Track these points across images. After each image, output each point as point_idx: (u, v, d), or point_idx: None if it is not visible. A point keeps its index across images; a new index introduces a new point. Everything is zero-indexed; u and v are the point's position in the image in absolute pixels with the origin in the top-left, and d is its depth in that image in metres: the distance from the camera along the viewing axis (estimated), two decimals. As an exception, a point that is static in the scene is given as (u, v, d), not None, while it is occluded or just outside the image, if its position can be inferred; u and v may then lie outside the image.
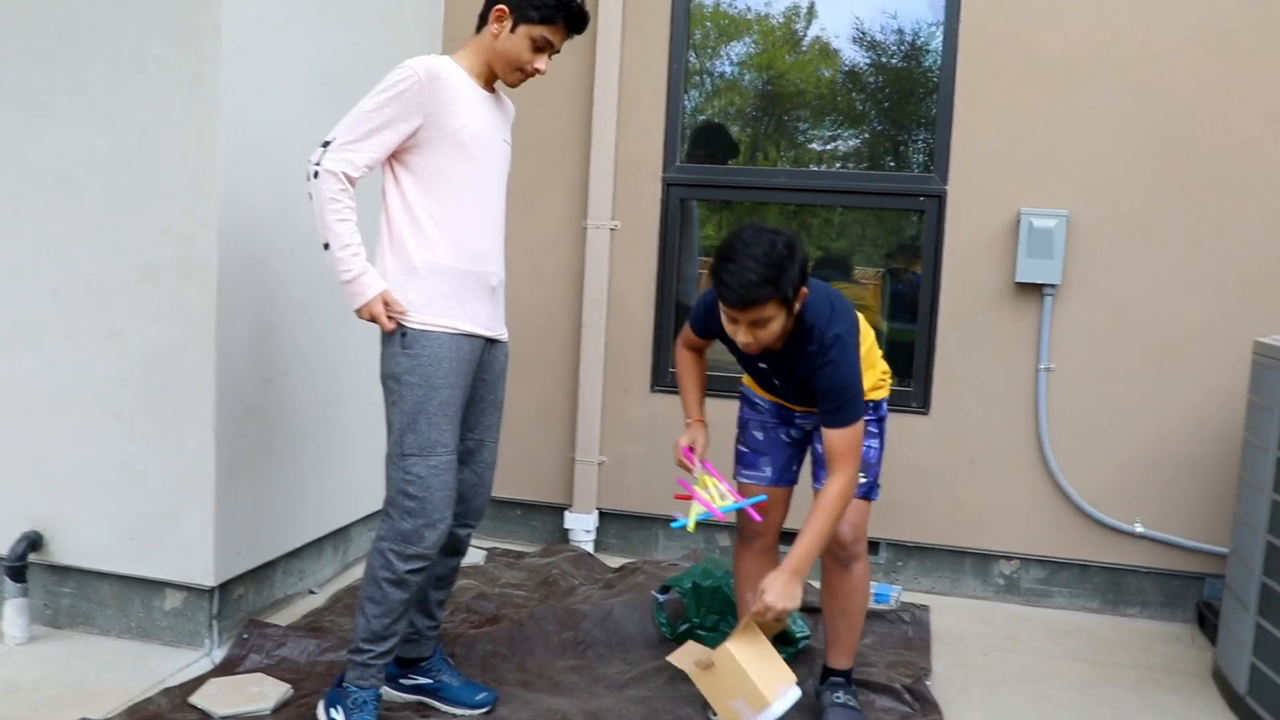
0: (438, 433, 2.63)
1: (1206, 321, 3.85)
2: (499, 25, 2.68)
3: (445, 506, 2.66)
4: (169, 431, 3.17)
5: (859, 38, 4.25)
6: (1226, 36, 3.77)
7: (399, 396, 2.64)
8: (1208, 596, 3.92)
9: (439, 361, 2.63)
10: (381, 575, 2.65)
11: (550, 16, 2.66)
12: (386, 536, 2.66)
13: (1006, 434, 4.05)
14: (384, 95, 2.57)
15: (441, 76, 2.60)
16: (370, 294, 2.58)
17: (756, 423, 2.95)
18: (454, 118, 2.62)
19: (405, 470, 2.63)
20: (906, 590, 4.14)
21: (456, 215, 2.66)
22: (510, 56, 2.69)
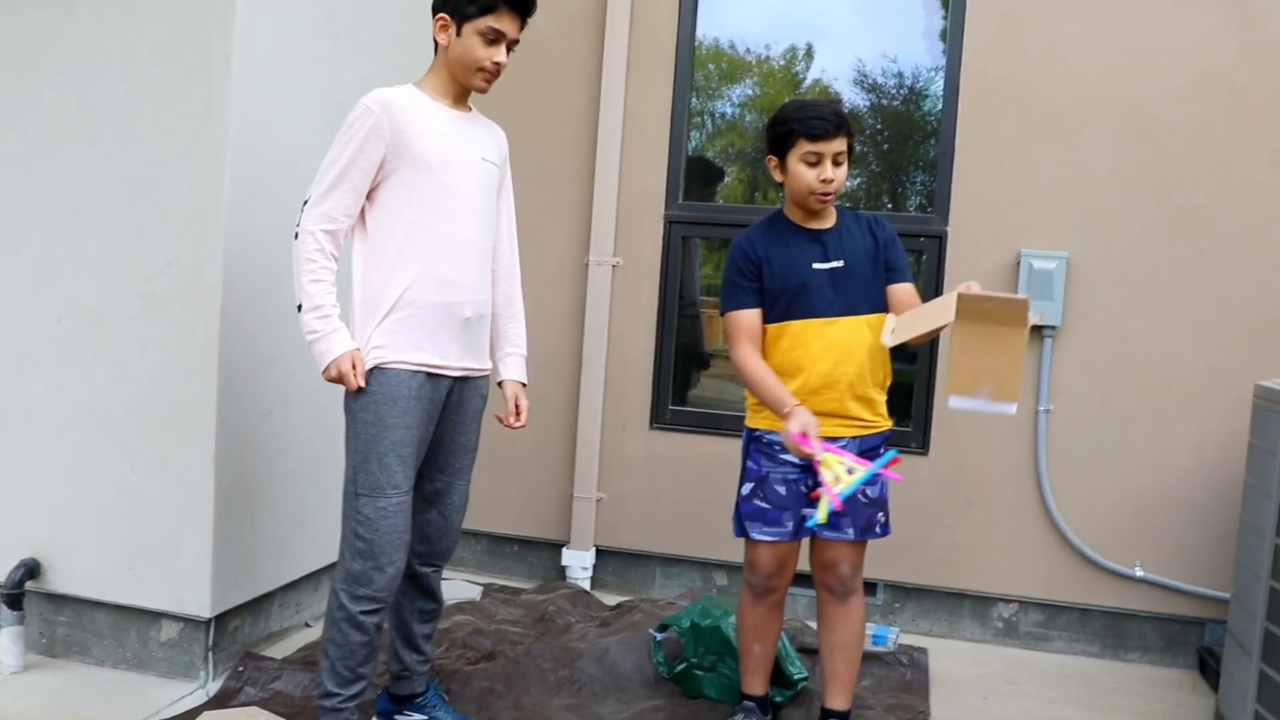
0: (388, 474, 2.56)
1: (1207, 364, 3.87)
2: (445, 35, 2.62)
3: (395, 550, 2.59)
4: (170, 460, 3.16)
5: (859, 80, 4.30)
6: (1225, 82, 3.82)
7: (353, 433, 2.59)
8: (1209, 642, 3.90)
9: (394, 400, 2.55)
10: (338, 616, 2.60)
11: (490, 4, 2.57)
12: (339, 576, 2.61)
13: (1006, 475, 4.04)
14: (343, 139, 2.55)
15: (395, 104, 2.56)
16: (335, 352, 2.52)
17: (778, 476, 2.80)
18: (415, 141, 2.57)
19: (357, 510, 2.57)
20: (904, 632, 4.11)
21: (420, 243, 2.58)
22: (466, 60, 2.62)
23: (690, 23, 4.31)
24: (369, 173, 2.56)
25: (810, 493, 2.70)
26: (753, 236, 2.82)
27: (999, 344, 2.26)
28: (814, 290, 2.73)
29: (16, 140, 3.24)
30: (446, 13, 2.61)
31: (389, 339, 2.57)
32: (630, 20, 4.28)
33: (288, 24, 3.31)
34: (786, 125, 2.71)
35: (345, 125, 2.56)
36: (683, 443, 4.33)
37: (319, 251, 2.54)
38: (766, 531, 2.80)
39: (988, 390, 2.27)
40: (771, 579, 2.85)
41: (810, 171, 2.69)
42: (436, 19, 2.64)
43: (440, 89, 2.69)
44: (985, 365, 2.27)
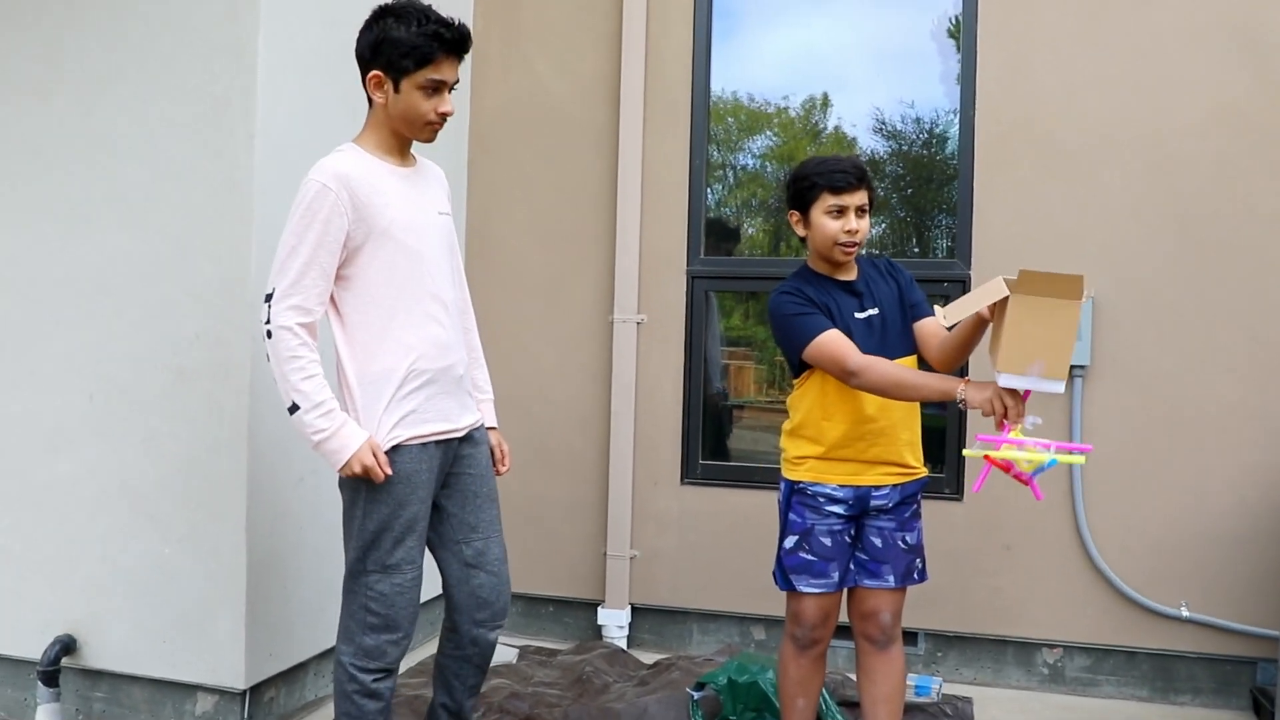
0: (404, 551, 2.52)
1: (1241, 397, 3.81)
2: (380, 93, 2.50)
3: (409, 623, 2.56)
4: (203, 534, 3.19)
5: (878, 127, 4.32)
6: (1240, 115, 3.80)
7: (362, 511, 2.51)
8: (1261, 682, 3.79)
9: (409, 478, 2.51)
10: (350, 689, 2.55)
11: (427, 55, 2.44)
12: (347, 652, 2.55)
13: (1043, 518, 3.98)
14: (301, 220, 2.41)
15: (351, 175, 2.45)
16: (354, 445, 2.41)
17: (824, 528, 2.75)
18: (379, 214, 2.46)
19: (369, 587, 2.52)
20: (948, 681, 4.04)
21: (409, 315, 2.51)
22: (410, 116, 2.50)
23: (704, 79, 4.36)
24: (335, 254, 2.44)
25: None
26: (796, 284, 2.81)
27: (1054, 319, 2.25)
28: (858, 339, 2.72)
29: (49, 223, 3.34)
30: (379, 69, 2.47)
31: (401, 416, 2.51)
32: (645, 79, 4.35)
33: (307, 104, 3.39)
34: (809, 180, 2.75)
35: (301, 206, 2.42)
36: (715, 497, 4.31)
37: (302, 346, 2.41)
38: (814, 584, 2.77)
39: (1039, 367, 2.26)
40: (816, 630, 2.82)
41: (834, 224, 2.72)
42: (370, 76, 2.50)
43: (384, 146, 2.57)
44: (1038, 341, 2.26)
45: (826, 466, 2.77)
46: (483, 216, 4.55)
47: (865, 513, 2.79)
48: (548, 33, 4.50)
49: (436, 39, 2.43)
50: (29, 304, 3.37)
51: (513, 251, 4.52)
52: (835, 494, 2.76)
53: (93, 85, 3.30)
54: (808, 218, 2.77)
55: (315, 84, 3.43)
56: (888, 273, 2.87)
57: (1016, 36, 4.01)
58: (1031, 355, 2.27)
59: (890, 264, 2.90)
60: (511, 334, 4.48)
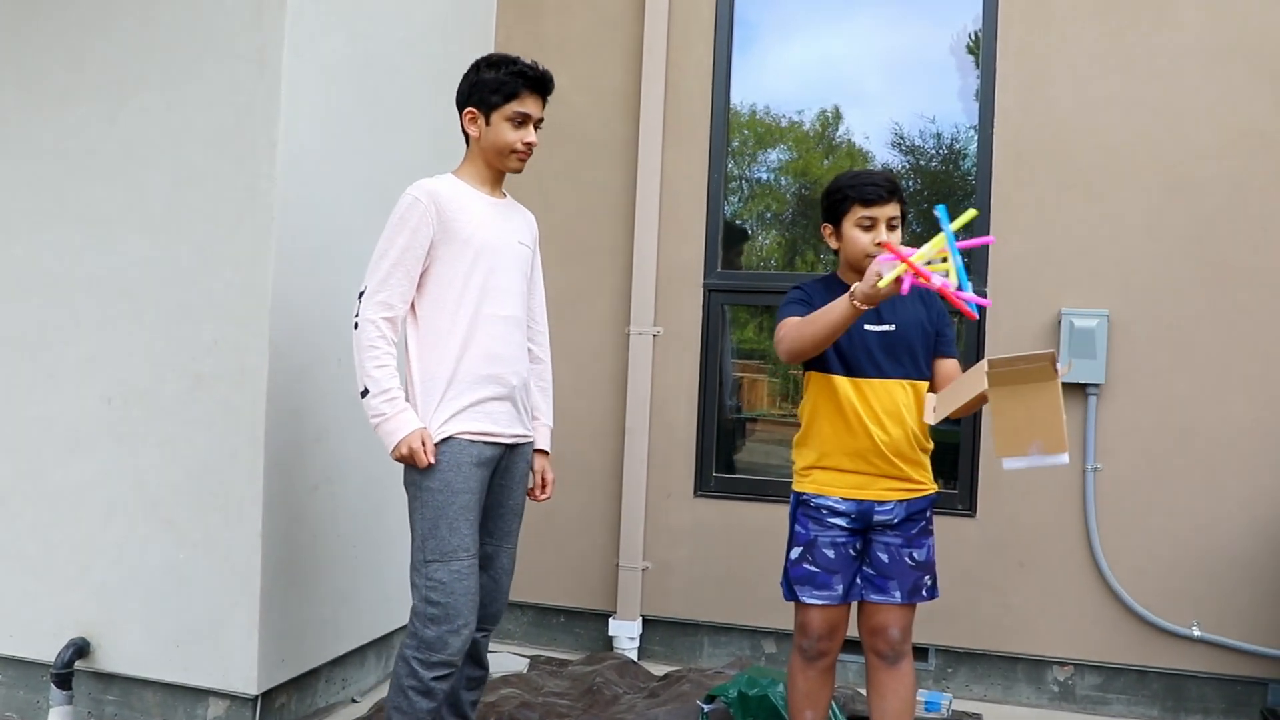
0: (459, 538, 2.65)
1: (1255, 418, 3.80)
2: (474, 126, 2.81)
3: (469, 611, 2.66)
4: (218, 539, 3.20)
5: (896, 142, 4.33)
6: (1258, 136, 3.81)
7: (421, 503, 2.68)
8: (1272, 703, 3.78)
9: (459, 466, 2.66)
10: (408, 684, 2.64)
11: (513, 91, 2.76)
12: (411, 645, 2.66)
13: (1055, 536, 3.98)
14: (394, 227, 2.69)
15: (441, 193, 2.72)
16: (404, 431, 2.62)
17: (827, 540, 2.78)
18: (461, 228, 2.72)
19: (428, 576, 2.64)
20: (958, 698, 4.03)
21: (470, 323, 2.72)
22: (499, 145, 2.79)
23: (724, 93, 4.38)
24: (420, 259, 2.70)
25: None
26: (811, 286, 2.87)
27: (1036, 400, 2.30)
28: (862, 351, 2.75)
29: (71, 227, 3.36)
30: (474, 106, 2.79)
31: (452, 413, 2.68)
32: (665, 93, 4.37)
33: (329, 113, 3.42)
34: (841, 192, 2.80)
35: (395, 215, 2.70)
36: (728, 510, 4.32)
37: (380, 338, 2.65)
38: (816, 595, 2.79)
39: (1037, 446, 2.30)
40: (823, 642, 2.82)
41: (865, 236, 2.76)
42: (465, 113, 2.81)
43: (478, 177, 2.85)
44: (1028, 422, 2.30)
45: (830, 478, 2.79)
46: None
47: (871, 527, 2.79)
48: (570, 46, 4.53)
49: (521, 76, 2.77)
50: (50, 307, 3.39)
51: (529, 262, 4.54)
52: (838, 507, 2.77)
53: (117, 92, 3.33)
54: (839, 230, 2.81)
55: (337, 95, 3.46)
56: (921, 297, 2.85)
57: (1036, 55, 4.03)
58: (1027, 437, 2.32)
59: (933, 295, 2.85)
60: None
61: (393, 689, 2.68)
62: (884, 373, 2.75)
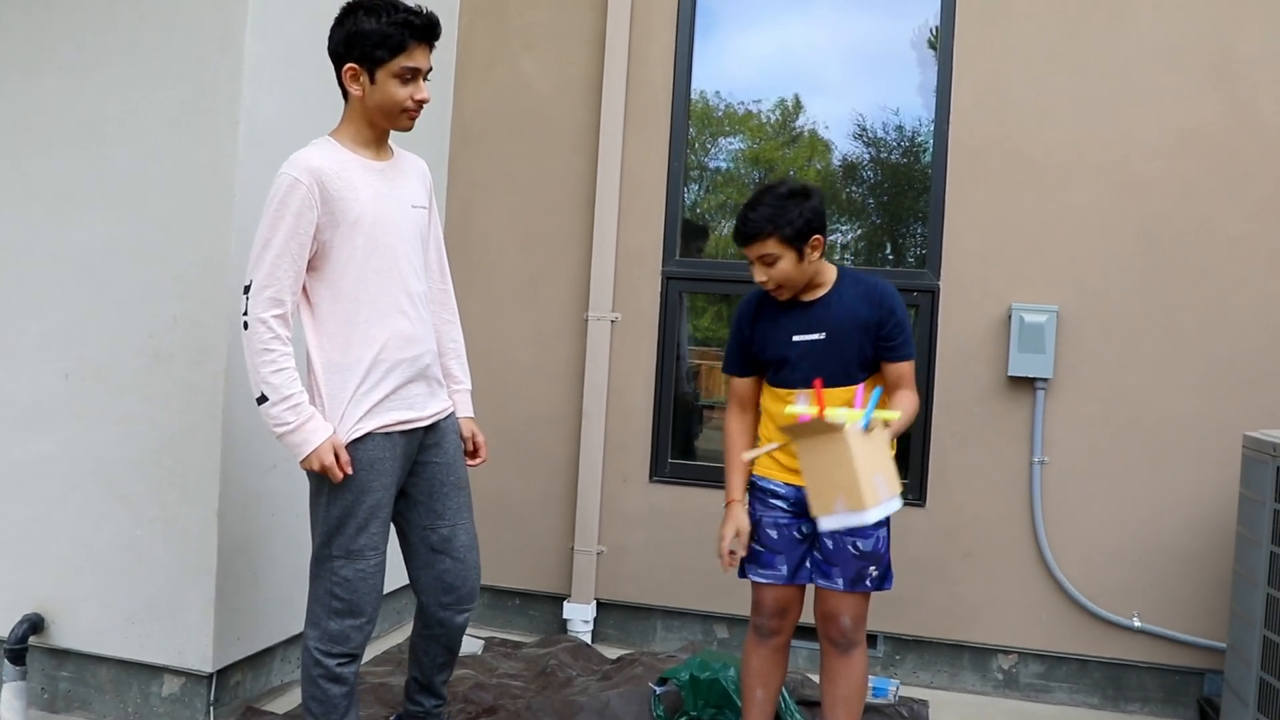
0: (367, 537, 2.58)
1: (1197, 415, 3.91)
2: (356, 84, 2.55)
3: (373, 608, 2.62)
4: (175, 516, 3.21)
5: (857, 133, 4.39)
6: (1207, 139, 3.90)
7: (329, 496, 2.56)
8: (1208, 692, 3.90)
9: (372, 464, 2.56)
10: (315, 673, 2.61)
11: (400, 44, 2.50)
12: (314, 636, 2.61)
13: (1002, 527, 4.07)
14: (273, 213, 2.46)
15: (323, 169, 2.49)
16: (315, 441, 2.46)
17: (770, 520, 2.87)
18: (349, 209, 2.52)
19: (334, 572, 2.58)
20: (905, 684, 4.11)
21: (376, 307, 2.57)
22: (387, 105, 2.56)
23: (685, 81, 4.42)
24: (306, 245, 2.49)
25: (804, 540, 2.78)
26: (748, 304, 2.94)
27: (830, 456, 2.38)
28: (791, 363, 2.83)
29: (32, 202, 3.34)
30: (354, 62, 2.52)
31: (367, 408, 2.56)
32: (627, 81, 4.40)
33: (292, 92, 3.42)
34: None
35: (274, 199, 2.47)
36: (683, 495, 4.37)
37: (274, 339, 2.46)
38: (762, 574, 2.88)
39: (842, 503, 2.38)
40: (773, 620, 2.89)
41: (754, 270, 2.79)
42: (345, 70, 2.55)
43: (359, 139, 2.63)
44: (830, 481, 2.40)
45: (771, 462, 2.90)
46: (463, 211, 4.58)
47: None
48: (533, 31, 4.54)
49: (407, 26, 2.49)
50: (9, 282, 3.37)
51: (492, 247, 4.56)
52: (778, 489, 2.89)
53: (80, 67, 3.31)
54: None
55: (300, 74, 3.45)
56: (867, 298, 2.82)
57: (993, 53, 4.10)
58: (831, 496, 2.40)
59: (882, 292, 2.82)
60: (487, 328, 4.51)
61: (303, 679, 2.65)
62: (809, 383, 2.78)
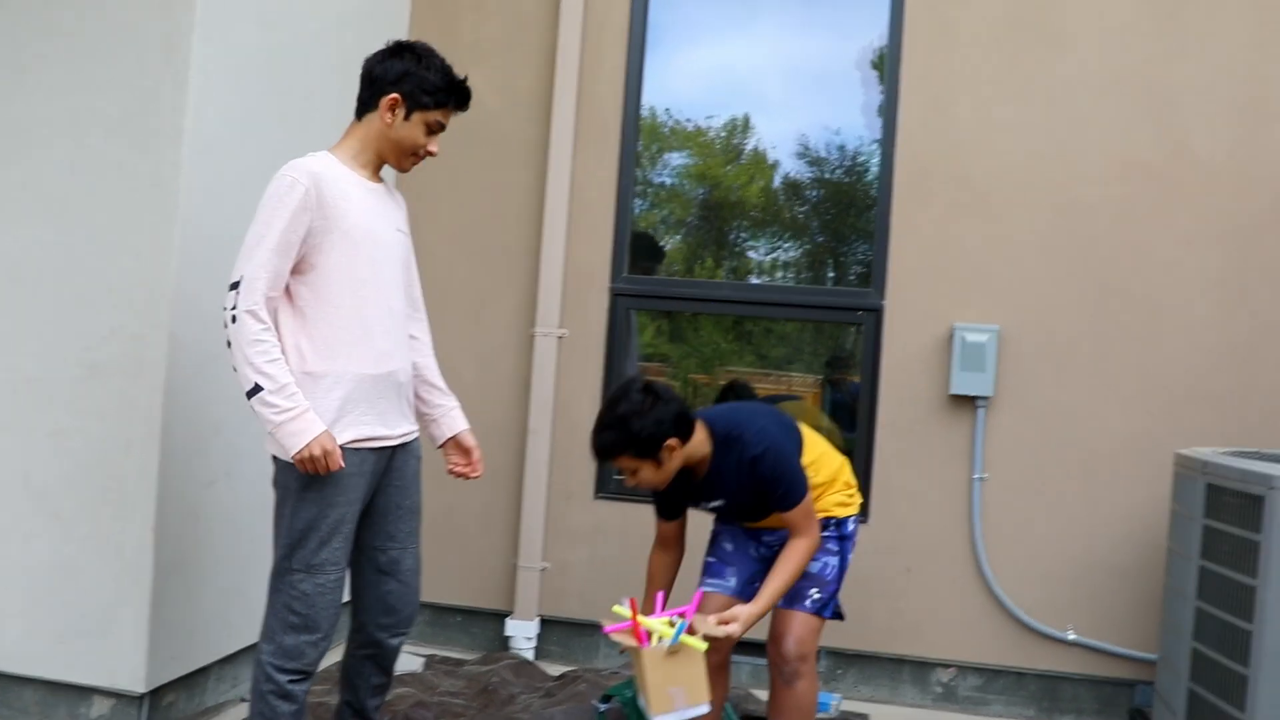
0: (329, 551, 2.57)
1: (1131, 433, 4.00)
2: (391, 115, 2.65)
3: (329, 624, 2.60)
4: (108, 533, 3.13)
5: (801, 152, 4.44)
6: (1142, 166, 4.01)
7: (291, 509, 2.55)
8: (1139, 703, 3.98)
9: (340, 480, 2.55)
10: (266, 689, 2.58)
11: (444, 100, 2.68)
12: (268, 651, 2.58)
13: (943, 543, 4.13)
14: (270, 210, 2.50)
15: (324, 175, 2.55)
16: (314, 430, 2.45)
17: (728, 534, 3.02)
18: (343, 217, 2.56)
19: (293, 585, 2.56)
20: (846, 698, 4.14)
21: (357, 318, 2.59)
22: (406, 144, 2.68)
23: (635, 99, 4.43)
24: (296, 246, 2.52)
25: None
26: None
27: (637, 666, 2.53)
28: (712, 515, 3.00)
29: (-40, 210, 3.25)
30: (402, 95, 2.64)
31: (335, 416, 2.55)
32: (577, 97, 4.40)
33: (238, 102, 3.36)
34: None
35: (271, 197, 2.51)
36: (627, 512, 4.36)
37: (265, 330, 2.47)
38: (710, 583, 2.94)
39: (681, 696, 2.50)
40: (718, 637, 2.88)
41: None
42: (388, 98, 2.64)
43: (360, 160, 2.70)
44: (676, 678, 2.51)
45: None
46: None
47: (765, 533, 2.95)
48: (484, 47, 4.52)
49: (455, 90, 2.71)
50: (-66, 290, 3.27)
51: (440, 261, 4.52)
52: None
53: (14, 71, 3.22)
54: None
55: (246, 85, 3.41)
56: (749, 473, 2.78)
57: (938, 77, 4.17)
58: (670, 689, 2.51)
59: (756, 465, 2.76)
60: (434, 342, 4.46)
61: (253, 694, 2.61)
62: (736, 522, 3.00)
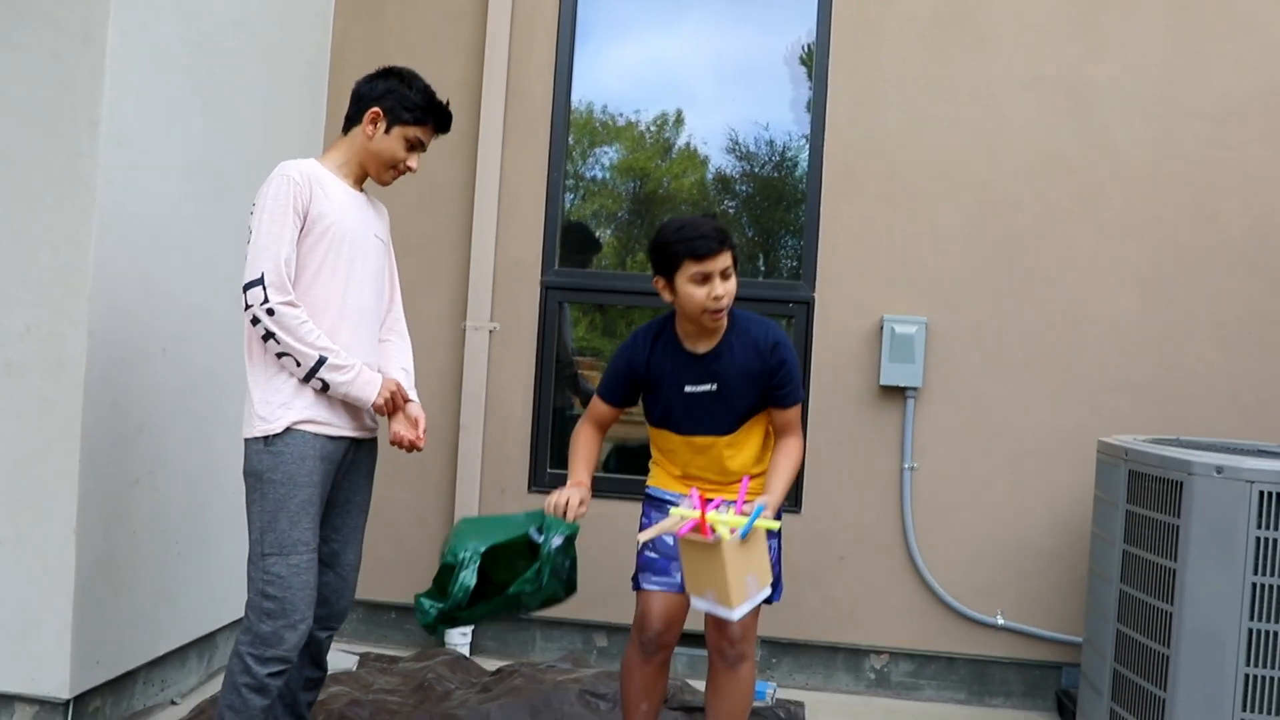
0: (299, 531, 2.62)
1: (1056, 422, 4.10)
2: (373, 127, 2.78)
3: (306, 606, 2.64)
4: (27, 536, 3.03)
5: (730, 147, 4.46)
6: (1064, 162, 4.11)
7: (261, 494, 2.63)
8: (1065, 685, 4.08)
9: (303, 460, 2.63)
10: (241, 681, 2.60)
11: (423, 118, 2.80)
12: (245, 641, 2.62)
13: (874, 531, 4.19)
14: (275, 209, 2.61)
15: (314, 176, 2.68)
16: (379, 380, 2.71)
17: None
18: (325, 217, 2.68)
19: (265, 570, 2.61)
20: (782, 686, 4.19)
21: (328, 310, 2.69)
22: (385, 156, 2.80)
23: (565, 92, 4.41)
24: (296, 241, 2.65)
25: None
26: (643, 343, 2.89)
27: (708, 559, 2.53)
28: (680, 410, 2.86)
29: None
30: (383, 110, 2.76)
31: (294, 397, 2.64)
32: (506, 90, 4.36)
33: (157, 93, 3.28)
34: (670, 248, 2.71)
35: (271, 196, 2.62)
36: (561, 505, 4.35)
37: (303, 311, 2.61)
38: (655, 581, 2.87)
39: (711, 595, 2.54)
40: (663, 635, 2.87)
41: (700, 290, 2.69)
42: (370, 111, 2.76)
43: (345, 169, 2.82)
44: (705, 577, 2.54)
45: (664, 475, 2.98)
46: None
47: None
48: (411, 38, 4.46)
49: (435, 110, 2.83)
50: None
51: (365, 254, 4.46)
52: (675, 501, 2.89)
53: (-79, 59, 3.11)
54: (673, 285, 2.75)
55: (166, 74, 3.32)
56: (759, 350, 2.82)
57: (866, 72, 4.22)
58: (703, 586, 2.56)
59: (773, 343, 2.83)
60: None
61: (226, 686, 2.62)
62: (699, 429, 2.86)
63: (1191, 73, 4.07)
